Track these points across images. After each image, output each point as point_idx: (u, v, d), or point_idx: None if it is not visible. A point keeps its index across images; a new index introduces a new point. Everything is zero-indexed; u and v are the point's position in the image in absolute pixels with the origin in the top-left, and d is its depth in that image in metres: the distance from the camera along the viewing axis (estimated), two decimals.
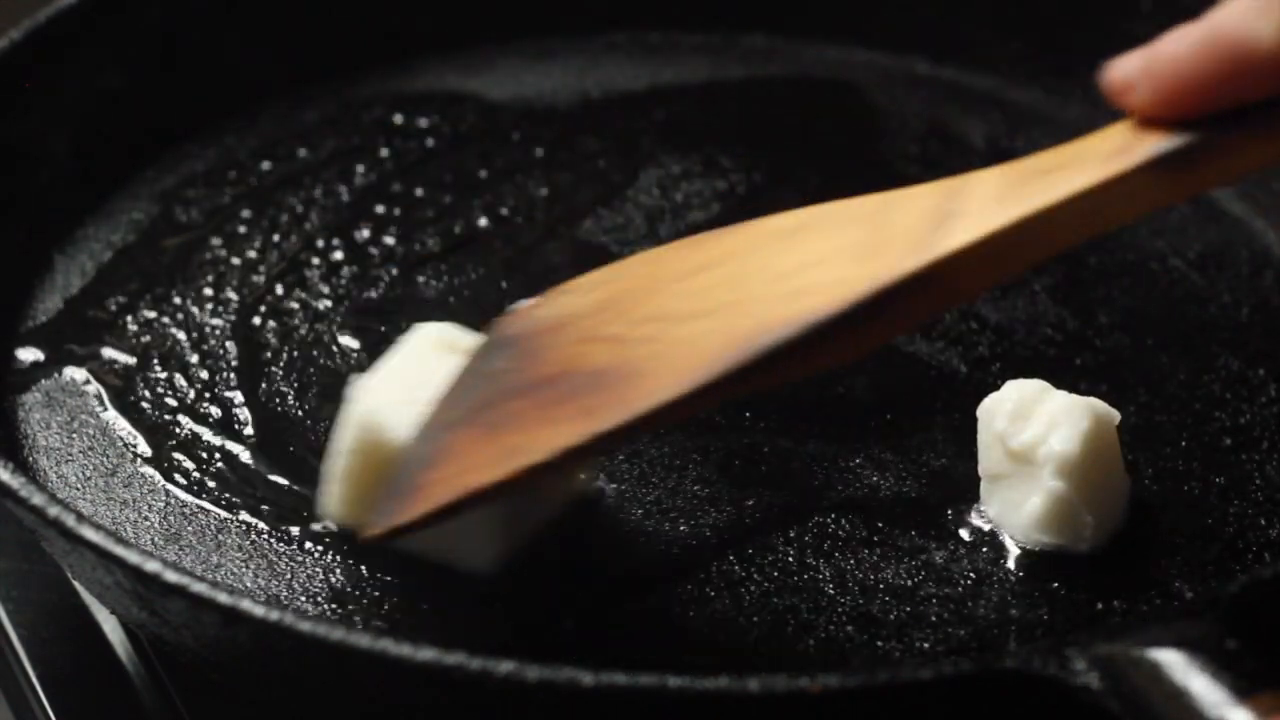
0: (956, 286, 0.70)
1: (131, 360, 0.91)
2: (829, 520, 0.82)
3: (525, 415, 0.73)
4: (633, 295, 0.77)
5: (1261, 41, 0.65)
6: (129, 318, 0.94)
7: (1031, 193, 0.69)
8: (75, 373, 0.90)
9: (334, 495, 0.79)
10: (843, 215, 0.74)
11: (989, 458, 0.81)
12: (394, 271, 0.97)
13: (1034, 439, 0.79)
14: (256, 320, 0.94)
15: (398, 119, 1.10)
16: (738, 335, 0.70)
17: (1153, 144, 0.67)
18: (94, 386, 0.89)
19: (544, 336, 0.77)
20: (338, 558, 0.79)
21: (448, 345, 0.80)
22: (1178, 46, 0.67)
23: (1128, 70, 0.68)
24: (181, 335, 0.92)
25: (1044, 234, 0.69)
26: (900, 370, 0.91)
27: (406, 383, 0.78)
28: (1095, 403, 0.80)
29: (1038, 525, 0.79)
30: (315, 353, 0.91)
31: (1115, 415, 0.81)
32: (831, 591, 0.78)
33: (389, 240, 1.00)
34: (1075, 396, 0.80)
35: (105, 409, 0.88)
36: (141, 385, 0.89)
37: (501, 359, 0.77)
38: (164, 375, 0.90)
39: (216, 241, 0.99)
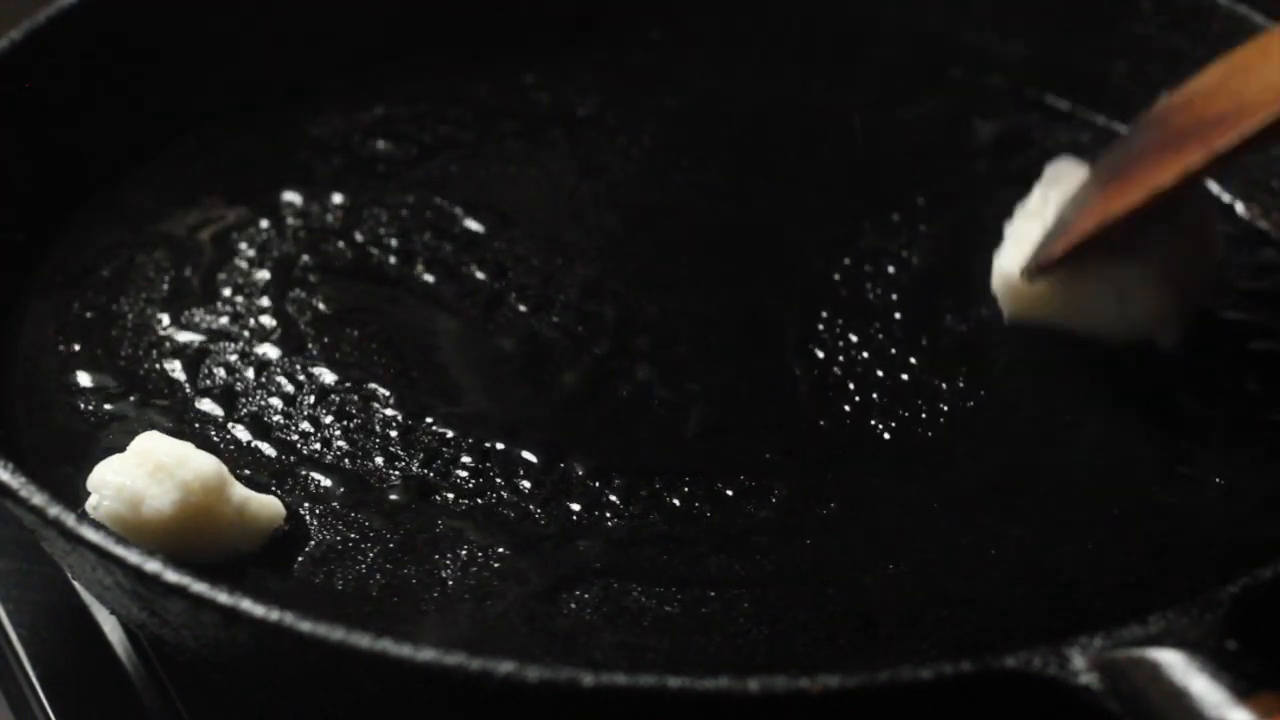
0: None
1: (129, 357, 0.91)
2: (828, 520, 0.82)
3: (1159, 158, 0.86)
4: (1243, 68, 0.89)
5: None
6: (128, 317, 0.94)
7: None
8: (73, 370, 0.90)
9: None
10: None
11: None
12: (394, 269, 0.98)
13: None
14: (255, 320, 0.94)
15: (396, 119, 1.10)
16: None
17: None
18: (93, 387, 0.89)
19: (1175, 110, 0.90)
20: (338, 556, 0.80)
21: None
22: None
23: None
24: (180, 336, 0.93)
25: None
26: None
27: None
28: None
29: None
30: (314, 352, 0.91)
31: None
32: (831, 591, 0.78)
33: (386, 239, 1.00)
34: None
35: (104, 408, 0.88)
36: (141, 384, 0.89)
37: (1139, 133, 0.91)
38: (163, 375, 0.90)
39: (214, 242, 0.99)
